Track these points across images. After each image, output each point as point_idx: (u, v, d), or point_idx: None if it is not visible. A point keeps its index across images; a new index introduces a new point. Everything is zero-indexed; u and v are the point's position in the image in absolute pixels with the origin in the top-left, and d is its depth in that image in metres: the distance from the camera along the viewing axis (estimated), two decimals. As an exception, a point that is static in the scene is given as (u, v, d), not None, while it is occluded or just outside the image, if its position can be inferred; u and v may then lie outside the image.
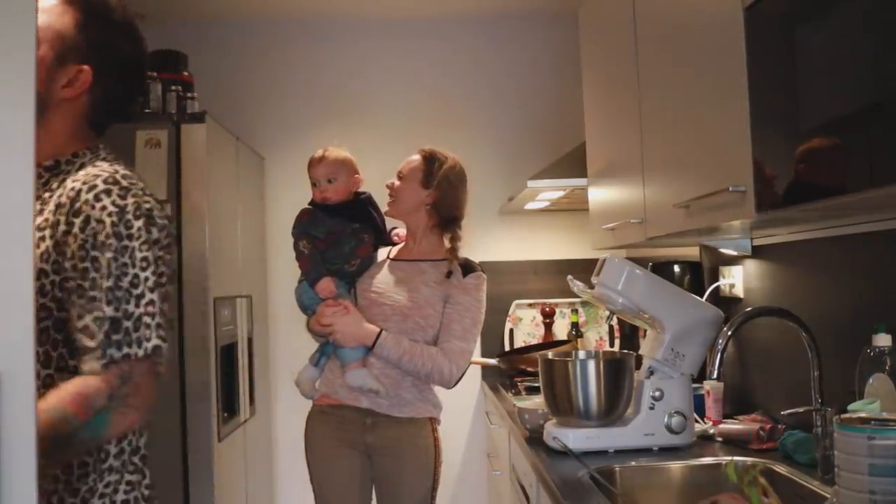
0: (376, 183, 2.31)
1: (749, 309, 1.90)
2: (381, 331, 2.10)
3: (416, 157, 2.24)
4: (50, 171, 1.24)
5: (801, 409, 1.73)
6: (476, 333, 2.17)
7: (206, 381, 2.67)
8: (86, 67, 1.24)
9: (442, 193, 2.20)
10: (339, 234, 2.18)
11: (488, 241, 3.65)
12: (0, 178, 0.86)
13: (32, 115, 0.87)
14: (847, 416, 1.25)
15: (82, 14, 1.25)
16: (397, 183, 2.24)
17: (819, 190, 1.23)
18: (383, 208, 2.28)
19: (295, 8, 3.58)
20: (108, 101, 1.29)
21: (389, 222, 2.34)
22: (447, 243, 2.23)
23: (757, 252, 2.27)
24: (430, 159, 2.22)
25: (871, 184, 1.06)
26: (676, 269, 2.76)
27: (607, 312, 2.17)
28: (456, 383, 2.15)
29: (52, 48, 1.22)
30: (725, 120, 1.55)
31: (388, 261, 2.27)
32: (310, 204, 2.24)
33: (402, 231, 2.36)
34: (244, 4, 3.51)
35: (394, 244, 2.35)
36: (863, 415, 1.26)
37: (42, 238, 1.16)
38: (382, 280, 2.21)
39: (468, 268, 2.20)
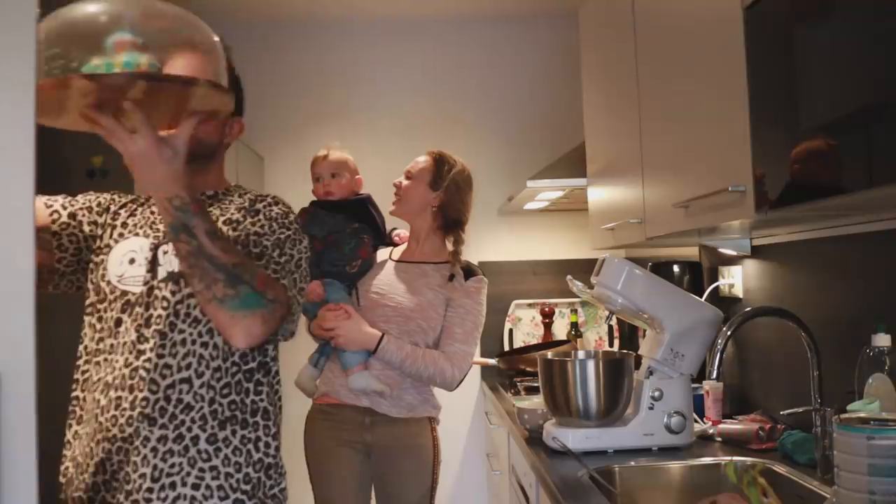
0: (375, 183, 2.31)
1: (748, 309, 1.90)
2: (383, 335, 2.10)
3: (426, 158, 2.25)
4: (212, 199, 1.50)
5: (800, 409, 1.73)
6: (477, 336, 2.18)
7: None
8: (242, 119, 1.63)
9: (449, 196, 2.20)
10: (339, 234, 2.18)
11: (488, 241, 3.66)
12: (2, 180, 0.86)
13: (32, 120, 0.87)
14: (846, 416, 1.25)
15: (233, 73, 1.53)
16: (405, 182, 2.24)
17: (818, 190, 1.23)
18: (385, 208, 2.29)
19: (294, 9, 3.58)
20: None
21: (389, 223, 2.34)
22: (450, 246, 2.24)
23: (756, 252, 2.27)
24: (440, 161, 2.23)
25: (871, 184, 1.06)
26: (676, 269, 2.76)
27: (607, 312, 2.17)
28: (457, 386, 2.15)
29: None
30: (725, 120, 1.55)
31: (390, 262, 2.27)
32: (310, 204, 2.25)
33: (402, 232, 2.36)
34: (243, 6, 3.51)
35: (394, 245, 2.35)
36: (862, 415, 1.25)
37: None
38: (385, 281, 2.21)
39: (470, 271, 2.20)
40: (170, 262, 1.41)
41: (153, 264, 1.42)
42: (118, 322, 1.40)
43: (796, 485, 1.65)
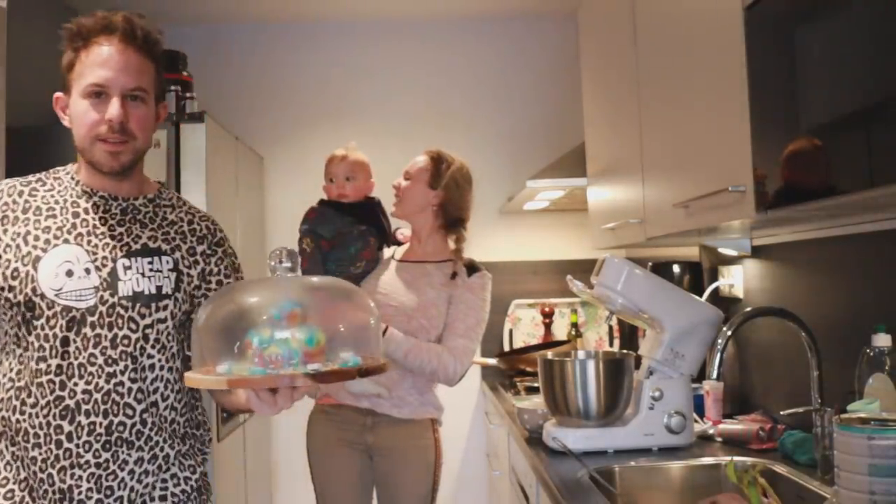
0: (375, 183, 2.31)
1: (749, 309, 1.90)
2: (387, 326, 2.09)
3: (424, 158, 2.24)
4: (152, 202, 1.47)
5: (800, 409, 1.73)
6: (480, 332, 2.17)
7: (205, 381, 2.66)
8: (165, 103, 1.48)
9: (448, 194, 2.20)
10: (346, 235, 2.18)
11: (488, 241, 3.65)
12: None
13: None
14: (847, 416, 1.25)
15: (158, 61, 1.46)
16: (404, 183, 2.24)
17: (818, 190, 1.22)
18: (385, 209, 2.29)
19: (293, 10, 3.58)
20: None
21: (393, 223, 2.34)
22: (452, 244, 2.23)
23: (757, 252, 2.27)
24: (438, 160, 2.22)
25: (871, 184, 1.06)
26: (676, 269, 2.75)
27: (607, 312, 2.17)
28: (458, 381, 2.15)
29: (156, 89, 1.43)
30: (725, 120, 1.55)
31: (393, 262, 2.27)
32: (320, 202, 2.24)
33: (405, 231, 2.36)
34: (243, 7, 3.51)
35: (398, 244, 2.35)
36: (863, 415, 1.25)
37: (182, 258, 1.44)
38: (388, 281, 2.21)
39: (473, 268, 2.20)
40: (134, 280, 1.36)
41: (112, 279, 1.35)
42: (65, 341, 1.32)
43: (796, 485, 1.65)
